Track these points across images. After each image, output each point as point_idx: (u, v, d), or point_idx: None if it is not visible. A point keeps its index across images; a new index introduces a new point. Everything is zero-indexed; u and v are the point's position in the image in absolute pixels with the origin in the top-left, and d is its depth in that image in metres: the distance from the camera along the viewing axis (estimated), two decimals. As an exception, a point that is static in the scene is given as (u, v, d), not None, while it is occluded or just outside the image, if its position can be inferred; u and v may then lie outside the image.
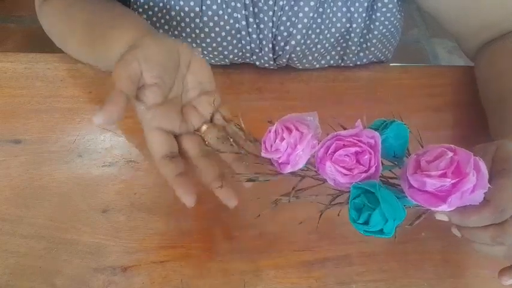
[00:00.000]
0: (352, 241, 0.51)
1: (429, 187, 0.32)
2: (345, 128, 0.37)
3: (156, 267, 0.49)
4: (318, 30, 0.58)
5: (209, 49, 0.60)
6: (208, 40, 0.59)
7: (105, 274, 0.48)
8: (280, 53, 0.60)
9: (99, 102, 0.58)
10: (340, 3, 0.57)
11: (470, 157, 0.32)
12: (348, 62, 0.64)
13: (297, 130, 0.36)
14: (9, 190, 0.52)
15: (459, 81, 0.62)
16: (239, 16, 0.56)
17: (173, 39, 0.45)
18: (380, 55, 0.66)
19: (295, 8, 0.56)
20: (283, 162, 0.37)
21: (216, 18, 0.57)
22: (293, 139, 0.35)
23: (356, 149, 0.34)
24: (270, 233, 0.51)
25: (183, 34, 0.60)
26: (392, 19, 0.60)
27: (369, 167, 0.34)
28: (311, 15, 0.56)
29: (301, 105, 0.60)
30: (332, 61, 0.64)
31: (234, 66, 0.63)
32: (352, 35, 0.60)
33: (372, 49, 0.63)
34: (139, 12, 0.60)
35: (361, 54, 0.63)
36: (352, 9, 0.57)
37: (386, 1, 0.58)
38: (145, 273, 0.48)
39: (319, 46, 0.60)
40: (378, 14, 0.59)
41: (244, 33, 0.58)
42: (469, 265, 0.51)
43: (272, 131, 0.37)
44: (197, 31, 0.58)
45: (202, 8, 0.56)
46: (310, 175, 0.38)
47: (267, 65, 0.62)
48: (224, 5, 0.56)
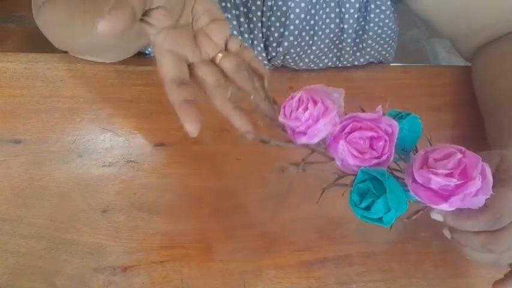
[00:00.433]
0: (352, 241, 0.51)
1: (433, 184, 0.32)
2: (364, 111, 0.36)
3: (156, 267, 0.49)
4: (312, 31, 0.58)
5: None
6: None
7: (105, 274, 0.48)
8: (274, 54, 0.60)
9: (99, 102, 0.58)
10: (332, 3, 0.57)
11: (478, 161, 0.32)
12: (345, 63, 0.64)
13: (322, 103, 0.35)
14: (9, 190, 0.52)
15: (459, 81, 0.62)
16: (229, 16, 0.56)
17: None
18: (378, 56, 0.66)
19: (283, 8, 0.56)
20: (300, 132, 0.35)
21: None
22: (317, 112, 0.35)
23: (372, 134, 0.34)
24: (270, 233, 0.51)
25: None
26: (387, 21, 0.60)
27: (382, 154, 0.34)
28: (302, 16, 0.56)
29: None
30: (330, 63, 0.64)
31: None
32: (345, 36, 0.60)
33: (368, 49, 0.63)
34: None
35: (357, 54, 0.63)
36: (343, 10, 0.58)
37: (379, 3, 0.58)
38: (145, 273, 0.48)
39: (314, 48, 0.60)
40: (372, 15, 0.59)
41: (236, 33, 0.58)
42: (469, 265, 0.51)
43: (295, 98, 0.36)
44: None
45: None
46: (319, 151, 0.37)
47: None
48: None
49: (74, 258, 0.48)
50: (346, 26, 0.59)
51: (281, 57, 0.60)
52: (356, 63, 0.64)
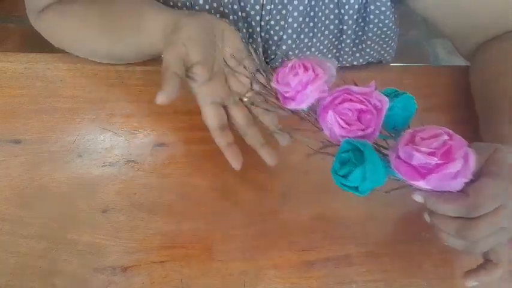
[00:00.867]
0: (352, 241, 0.51)
1: (415, 161, 0.33)
2: (357, 85, 0.37)
3: (156, 267, 0.48)
4: (311, 33, 0.58)
5: None
6: None
7: (105, 274, 0.48)
8: (272, 57, 0.60)
9: (99, 102, 0.58)
10: (331, 5, 0.57)
11: (463, 145, 0.33)
12: (344, 63, 0.64)
13: (313, 71, 0.36)
14: (9, 190, 0.52)
15: (459, 81, 0.62)
16: (228, 21, 0.56)
17: (204, 14, 0.48)
18: (378, 56, 0.66)
19: (283, 12, 0.56)
20: (289, 97, 0.37)
21: None
22: (306, 78, 0.36)
23: (361, 107, 0.35)
24: (270, 233, 0.51)
25: None
26: (387, 21, 0.60)
27: (367, 127, 0.35)
28: (301, 19, 0.56)
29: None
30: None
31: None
32: (344, 37, 0.60)
33: (368, 50, 0.63)
34: None
35: (357, 54, 0.63)
36: (342, 11, 0.57)
37: (379, 4, 0.58)
38: (145, 273, 0.48)
39: (313, 49, 0.60)
40: (372, 16, 0.59)
41: None
42: (469, 265, 0.51)
43: (289, 65, 0.37)
44: None
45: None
46: (309, 119, 0.39)
47: None
48: (213, 11, 0.56)
49: (74, 258, 0.48)
50: (345, 27, 0.59)
51: (279, 59, 0.60)
52: (355, 63, 0.64)
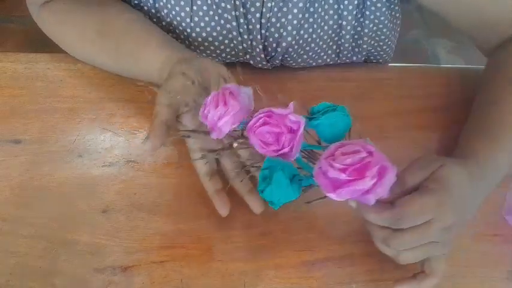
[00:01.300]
0: (352, 241, 0.51)
1: (330, 174, 0.36)
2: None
3: (156, 267, 0.48)
4: (311, 29, 0.58)
5: (201, 48, 0.60)
6: (199, 39, 0.59)
7: (105, 274, 0.48)
8: (273, 54, 0.61)
9: (99, 102, 0.58)
10: (331, 0, 0.57)
11: (378, 164, 0.35)
12: (344, 59, 0.64)
13: (225, 104, 0.40)
14: (9, 190, 0.52)
15: (459, 81, 0.62)
16: (229, 17, 0.56)
17: (201, 59, 0.49)
18: (375, 53, 0.66)
19: (284, 9, 0.56)
20: (210, 128, 0.41)
21: (207, 18, 0.57)
22: (218, 113, 0.40)
23: (277, 130, 0.38)
24: (270, 233, 0.51)
25: (174, 34, 0.60)
26: (382, 18, 0.60)
27: (282, 148, 0.38)
28: (300, 16, 0.56)
29: (300, 105, 0.60)
30: (329, 59, 0.64)
31: (234, 65, 0.63)
32: (343, 32, 0.60)
33: (365, 46, 0.63)
34: None
35: (356, 50, 0.63)
36: (342, 6, 0.58)
37: (374, 0, 0.58)
38: (145, 273, 0.48)
39: (313, 45, 0.60)
40: (368, 12, 0.59)
41: (235, 33, 0.58)
42: (469, 265, 0.51)
43: (208, 99, 0.41)
44: (188, 30, 0.58)
45: (192, 8, 0.56)
46: (239, 141, 0.43)
47: (261, 65, 0.62)
48: (214, 6, 0.56)
49: (74, 258, 0.48)
50: (344, 23, 0.59)
51: (280, 57, 0.60)
52: (354, 58, 0.64)
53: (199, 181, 0.52)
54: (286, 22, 0.57)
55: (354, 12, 0.58)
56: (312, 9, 0.57)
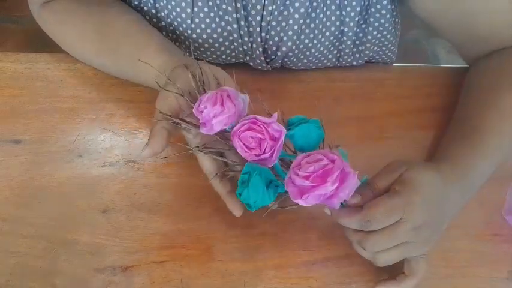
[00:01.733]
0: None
1: (296, 182, 0.38)
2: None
3: (156, 267, 0.49)
4: (312, 35, 0.58)
5: (201, 49, 0.60)
6: (200, 41, 0.59)
7: (105, 274, 0.48)
8: (273, 57, 0.60)
9: (99, 102, 0.58)
10: (333, 6, 0.57)
11: (338, 170, 0.38)
12: (344, 63, 0.64)
13: (222, 105, 0.42)
14: (9, 190, 0.52)
15: (459, 81, 0.62)
16: (230, 19, 0.56)
17: (200, 63, 0.49)
18: (378, 58, 0.66)
19: (284, 13, 0.56)
20: (202, 123, 0.43)
21: (208, 20, 0.57)
22: (214, 111, 0.42)
23: (260, 136, 0.41)
24: (270, 233, 0.51)
25: (174, 35, 0.60)
26: (387, 25, 0.60)
27: (263, 153, 0.41)
28: (301, 21, 0.56)
29: (300, 105, 0.60)
30: (329, 63, 0.64)
31: (234, 66, 0.63)
32: (345, 38, 0.60)
33: (367, 52, 0.63)
34: None
35: (356, 55, 0.63)
36: (344, 13, 0.57)
37: (379, 7, 0.58)
38: (145, 273, 0.48)
39: (313, 50, 0.60)
40: (371, 19, 0.59)
41: (236, 35, 0.58)
42: (469, 265, 0.51)
43: (207, 95, 0.43)
44: (189, 32, 0.58)
45: (193, 10, 0.56)
46: (223, 140, 0.45)
47: (261, 67, 0.62)
48: (215, 8, 0.56)
49: (74, 258, 0.48)
50: (346, 29, 0.59)
51: (279, 60, 0.60)
52: (354, 63, 0.64)
53: (199, 181, 0.52)
54: (286, 26, 0.57)
55: (356, 19, 0.58)
56: (314, 14, 0.57)
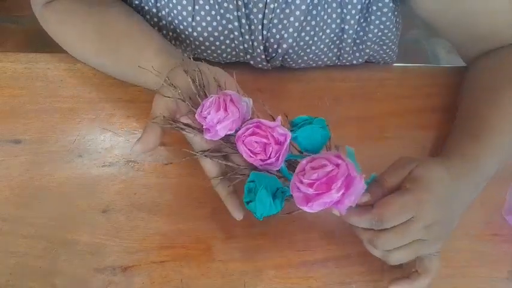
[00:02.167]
0: (352, 241, 0.51)
1: (301, 189, 0.38)
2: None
3: (156, 267, 0.49)
4: (312, 32, 0.58)
5: (202, 47, 0.60)
6: (201, 39, 0.59)
7: (105, 274, 0.48)
8: (273, 55, 0.61)
9: (99, 102, 0.58)
10: (334, 4, 0.57)
11: (343, 176, 0.37)
12: (344, 62, 0.64)
13: (225, 110, 0.41)
14: (9, 190, 0.52)
15: (459, 81, 0.62)
16: (231, 17, 0.56)
17: (199, 64, 0.48)
18: (378, 57, 0.66)
19: (286, 11, 0.56)
20: (206, 128, 0.43)
21: (209, 18, 0.57)
22: (218, 117, 0.41)
23: (265, 141, 0.40)
24: (270, 233, 0.51)
25: (175, 34, 0.60)
26: (388, 23, 0.60)
27: (268, 158, 0.40)
28: (302, 18, 0.56)
29: (300, 105, 0.60)
30: (329, 62, 0.64)
31: (234, 66, 0.63)
32: (345, 36, 0.60)
33: (367, 51, 0.63)
34: None
35: (357, 54, 0.63)
36: (345, 10, 0.57)
37: (381, 5, 0.58)
38: (145, 273, 0.48)
39: (313, 47, 0.60)
40: (373, 17, 0.59)
41: (237, 33, 0.58)
42: (469, 265, 0.51)
43: (210, 100, 0.42)
44: (189, 30, 0.58)
45: (194, 8, 0.56)
46: (228, 145, 0.45)
47: (261, 66, 0.62)
48: (217, 6, 0.56)
49: (74, 258, 0.48)
50: (347, 27, 0.59)
51: (280, 57, 0.60)
52: (355, 62, 0.64)
53: (199, 181, 0.52)
54: (288, 24, 0.57)
55: (357, 16, 0.58)
56: (315, 12, 0.57)
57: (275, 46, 0.59)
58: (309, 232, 0.51)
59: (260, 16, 0.56)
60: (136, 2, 0.59)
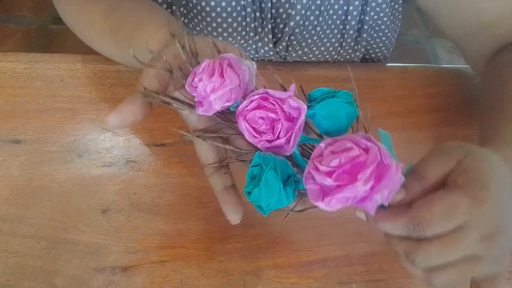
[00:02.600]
0: (352, 241, 0.51)
1: (317, 179, 0.28)
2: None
3: (156, 267, 0.49)
4: (318, 12, 0.59)
5: (213, 25, 0.59)
6: (213, 14, 0.58)
7: (105, 274, 0.48)
8: (279, 36, 0.61)
9: (99, 102, 0.58)
10: None
11: (374, 163, 0.27)
12: (345, 54, 0.64)
13: (221, 76, 0.32)
14: (9, 190, 0.52)
15: (458, 81, 0.62)
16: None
17: (205, 38, 0.42)
18: (371, 51, 0.67)
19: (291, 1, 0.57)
20: (198, 101, 0.33)
21: None
22: (210, 85, 0.32)
23: (273, 116, 0.31)
24: (270, 233, 0.51)
25: (185, 10, 0.59)
26: (382, 15, 0.61)
27: (277, 138, 0.31)
28: (305, 1, 0.57)
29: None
30: (331, 48, 0.64)
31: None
32: (349, 18, 0.60)
33: (364, 43, 0.63)
34: None
35: (355, 47, 0.64)
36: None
37: (380, 1, 0.58)
38: (145, 273, 0.48)
39: (318, 29, 0.61)
40: (368, 9, 0.60)
41: (249, 10, 0.58)
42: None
43: (202, 66, 0.33)
44: (203, 4, 0.57)
45: None
46: (226, 123, 0.35)
47: (263, 51, 0.62)
48: None
49: (74, 258, 0.48)
50: (351, 8, 0.60)
51: (286, 38, 0.61)
52: (353, 55, 0.65)
53: (199, 181, 0.52)
54: (295, 1, 0.58)
55: (360, 2, 0.59)
56: (319, 1, 0.58)
57: (281, 26, 0.60)
58: (309, 232, 0.51)
59: (269, 4, 0.57)
60: None
